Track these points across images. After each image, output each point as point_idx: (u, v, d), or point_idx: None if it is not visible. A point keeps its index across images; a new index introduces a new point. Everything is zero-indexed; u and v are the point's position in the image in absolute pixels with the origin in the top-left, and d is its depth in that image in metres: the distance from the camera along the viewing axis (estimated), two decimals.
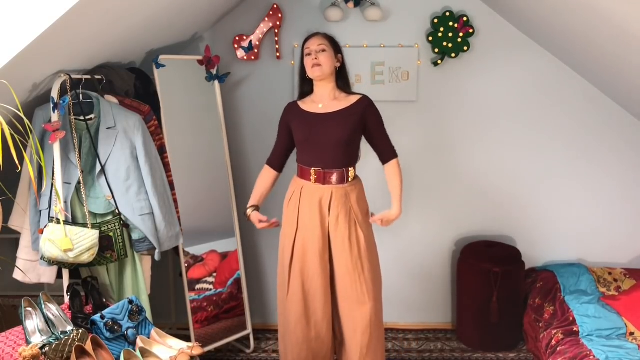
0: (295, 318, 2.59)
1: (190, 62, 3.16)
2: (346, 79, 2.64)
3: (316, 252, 2.55)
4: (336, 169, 2.56)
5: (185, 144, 3.12)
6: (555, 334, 2.89)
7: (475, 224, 3.60)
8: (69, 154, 2.45)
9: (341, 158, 2.56)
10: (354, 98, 2.60)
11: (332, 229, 2.56)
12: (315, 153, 2.57)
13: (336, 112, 2.56)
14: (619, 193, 3.51)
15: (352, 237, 2.56)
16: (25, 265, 2.53)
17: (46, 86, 2.43)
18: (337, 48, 2.61)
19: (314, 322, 2.60)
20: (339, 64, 2.60)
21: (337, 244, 2.56)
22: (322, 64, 2.52)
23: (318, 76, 2.55)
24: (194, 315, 3.11)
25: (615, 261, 3.54)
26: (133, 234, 2.56)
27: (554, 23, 2.92)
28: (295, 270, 2.59)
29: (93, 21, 2.17)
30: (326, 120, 2.55)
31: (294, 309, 2.59)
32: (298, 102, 2.67)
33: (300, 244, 2.58)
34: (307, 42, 2.59)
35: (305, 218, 2.57)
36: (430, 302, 3.67)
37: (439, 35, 3.32)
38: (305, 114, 2.60)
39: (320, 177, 2.56)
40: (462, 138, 3.51)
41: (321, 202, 2.56)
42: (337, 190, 2.56)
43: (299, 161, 2.65)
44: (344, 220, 2.55)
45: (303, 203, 2.59)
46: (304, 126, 2.58)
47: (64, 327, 2.09)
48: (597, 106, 3.43)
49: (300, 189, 2.61)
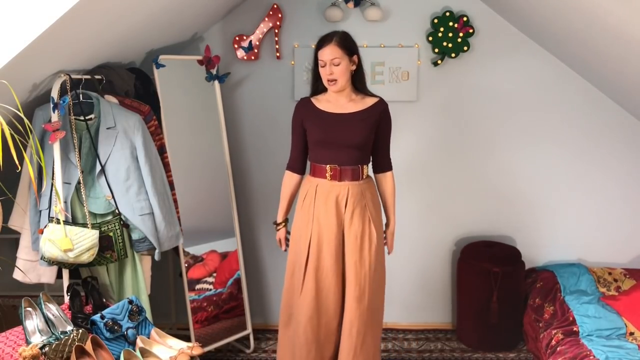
0: (306, 317, 2.55)
1: (190, 62, 3.16)
2: (362, 80, 2.59)
3: (332, 250, 2.53)
4: (351, 166, 2.55)
5: (185, 144, 3.12)
6: (555, 334, 2.89)
7: (475, 224, 3.60)
8: (69, 154, 2.45)
9: (356, 156, 2.55)
10: (370, 100, 2.58)
11: (346, 225, 2.54)
12: (330, 152, 2.54)
13: (353, 113, 2.53)
14: (619, 193, 3.51)
15: (365, 235, 2.55)
16: (25, 265, 2.53)
17: (46, 86, 2.43)
18: (352, 49, 2.51)
19: (324, 321, 2.57)
20: (355, 66, 2.53)
21: (350, 240, 2.54)
22: (337, 79, 2.47)
23: (335, 91, 2.53)
24: (194, 315, 3.11)
25: (615, 261, 3.54)
26: (133, 234, 2.56)
27: (554, 23, 2.92)
28: (310, 269, 2.55)
29: (93, 21, 2.17)
30: (343, 122, 2.52)
31: (305, 308, 2.55)
32: (311, 99, 2.61)
33: (315, 243, 2.55)
34: (320, 49, 2.48)
35: (321, 216, 2.55)
36: (430, 302, 3.67)
37: (439, 35, 3.32)
38: (321, 113, 2.55)
39: (337, 174, 2.54)
40: (462, 138, 3.51)
41: (338, 198, 2.54)
42: (353, 187, 2.55)
43: (312, 159, 2.62)
44: (358, 217, 2.54)
45: (319, 201, 2.55)
46: (319, 126, 2.55)
47: (64, 327, 2.09)
48: (597, 106, 3.43)
49: (315, 187, 2.57)
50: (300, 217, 2.62)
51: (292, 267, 2.64)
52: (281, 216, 2.74)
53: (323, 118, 2.54)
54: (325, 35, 2.51)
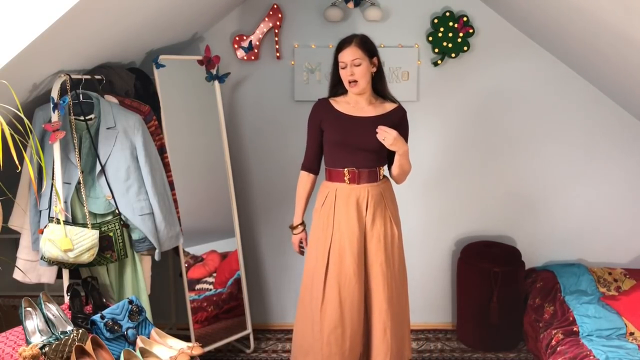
0: (330, 328, 2.48)
1: (190, 62, 3.16)
2: (383, 83, 2.58)
3: (354, 254, 2.49)
4: (368, 168, 2.53)
5: (185, 144, 3.12)
6: (555, 334, 2.89)
7: (475, 224, 3.60)
8: (69, 154, 2.45)
9: (373, 159, 2.54)
10: (389, 106, 2.58)
11: (368, 227, 2.52)
12: (347, 154, 2.52)
13: (372, 117, 2.52)
14: (619, 193, 3.51)
15: (388, 235, 2.54)
16: (25, 265, 2.53)
17: (46, 86, 2.43)
18: (372, 51, 2.51)
19: (350, 333, 2.50)
20: (375, 68, 2.53)
21: (373, 242, 2.52)
22: (358, 80, 2.46)
23: (356, 93, 2.52)
24: (194, 315, 3.11)
25: (615, 261, 3.55)
26: (133, 234, 2.56)
27: (554, 23, 2.92)
28: (332, 277, 2.49)
29: (93, 21, 2.17)
30: (362, 125, 2.50)
31: (328, 318, 2.48)
32: (330, 100, 2.59)
33: (336, 248, 2.51)
34: (341, 51, 2.48)
35: (341, 220, 2.51)
36: (430, 302, 3.67)
37: (439, 35, 3.32)
38: (340, 115, 2.53)
39: (355, 176, 2.52)
40: (462, 138, 3.51)
41: (358, 201, 2.52)
42: (373, 189, 2.53)
43: (329, 164, 2.59)
44: (380, 218, 2.53)
45: (339, 206, 2.52)
46: (337, 128, 2.52)
47: (64, 327, 2.09)
48: (597, 106, 3.43)
49: (335, 192, 2.54)
50: (318, 223, 2.58)
51: (312, 276, 2.58)
52: (299, 218, 2.69)
53: (341, 120, 2.53)
54: (345, 38, 2.52)
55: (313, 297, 2.56)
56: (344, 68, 2.48)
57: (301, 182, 2.67)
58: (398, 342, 2.57)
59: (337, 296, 2.49)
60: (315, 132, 2.59)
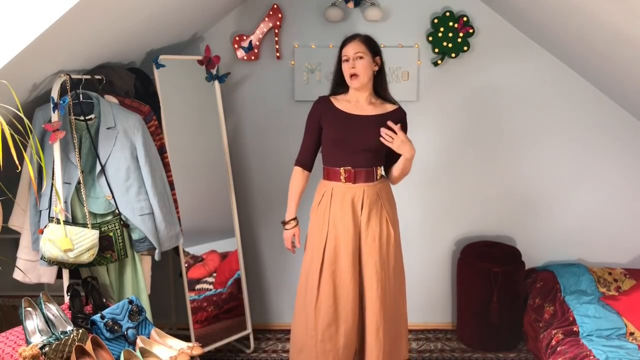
0: (324, 326, 2.50)
1: (190, 62, 3.16)
2: (384, 85, 2.60)
3: (348, 253, 2.50)
4: (365, 167, 2.54)
5: (185, 144, 3.11)
6: (555, 334, 2.89)
7: (475, 224, 3.60)
8: (69, 154, 2.45)
9: (370, 158, 2.54)
10: (389, 107, 2.59)
11: (363, 227, 2.52)
12: (344, 153, 2.53)
13: (372, 116, 2.53)
14: (619, 193, 3.51)
15: (383, 235, 2.54)
16: (25, 265, 2.53)
17: (46, 86, 2.43)
18: (376, 50, 2.55)
19: (343, 330, 2.52)
20: (377, 67, 2.55)
21: (368, 242, 2.52)
22: (359, 74, 2.48)
23: (357, 87, 2.53)
24: (194, 315, 3.11)
25: (615, 261, 3.55)
26: (133, 234, 2.56)
27: (554, 23, 2.92)
28: (326, 275, 2.51)
29: (93, 21, 2.17)
30: (361, 124, 2.51)
31: (323, 316, 2.51)
32: (330, 98, 2.61)
33: (331, 247, 2.52)
34: (344, 46, 2.52)
35: (336, 219, 2.52)
36: (430, 302, 3.67)
37: (439, 35, 3.32)
38: (340, 113, 2.54)
39: (351, 176, 2.53)
40: (462, 138, 3.51)
41: (353, 201, 2.52)
42: (369, 189, 2.54)
43: (326, 163, 2.60)
44: (375, 218, 2.53)
45: (334, 204, 2.53)
46: (337, 125, 2.53)
47: (64, 327, 2.09)
48: (597, 106, 3.43)
49: (331, 191, 2.56)
50: (315, 221, 2.59)
51: (306, 273, 2.59)
52: (291, 213, 2.67)
53: (341, 117, 2.54)
54: (349, 35, 2.58)
55: (308, 295, 2.57)
56: (346, 61, 2.51)
57: (295, 178, 2.66)
58: (392, 341, 2.58)
59: (332, 294, 2.51)
60: (313, 128, 2.60)
